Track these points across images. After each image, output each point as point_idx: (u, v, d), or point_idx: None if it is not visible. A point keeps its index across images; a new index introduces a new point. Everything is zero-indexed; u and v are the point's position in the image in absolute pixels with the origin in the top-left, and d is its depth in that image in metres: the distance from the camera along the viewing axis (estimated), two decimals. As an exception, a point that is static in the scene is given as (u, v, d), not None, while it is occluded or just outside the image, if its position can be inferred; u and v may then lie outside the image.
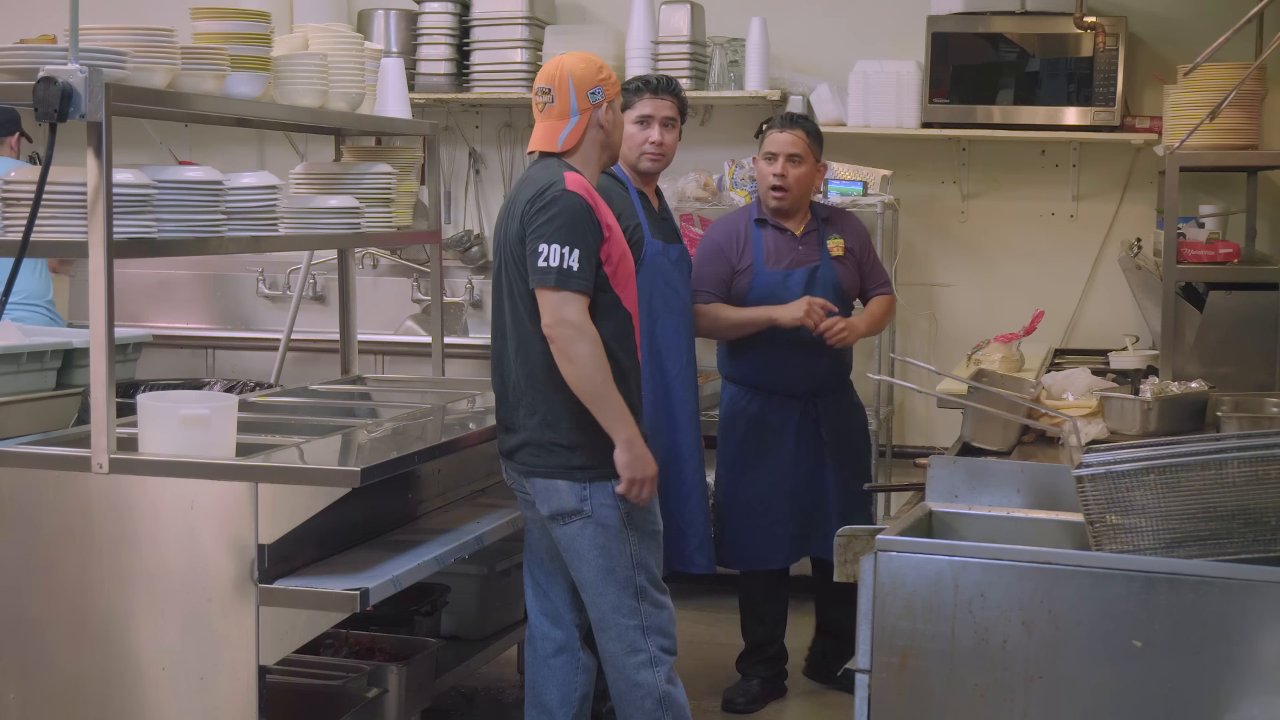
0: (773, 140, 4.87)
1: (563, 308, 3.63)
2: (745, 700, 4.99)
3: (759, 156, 4.94)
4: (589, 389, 3.65)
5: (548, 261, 3.63)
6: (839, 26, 6.54)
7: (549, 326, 3.64)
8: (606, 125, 3.83)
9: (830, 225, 4.96)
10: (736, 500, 4.95)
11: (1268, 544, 2.80)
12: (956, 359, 5.96)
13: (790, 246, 4.88)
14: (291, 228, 4.42)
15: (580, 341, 3.63)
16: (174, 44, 3.77)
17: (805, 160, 4.85)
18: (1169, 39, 6.16)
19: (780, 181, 4.82)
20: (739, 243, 4.87)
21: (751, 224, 4.91)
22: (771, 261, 4.85)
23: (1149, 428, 3.93)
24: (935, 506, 3.31)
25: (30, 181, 3.51)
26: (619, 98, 3.90)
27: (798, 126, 4.87)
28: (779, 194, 4.84)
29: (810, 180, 4.91)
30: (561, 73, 3.80)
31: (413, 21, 6.68)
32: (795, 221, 4.92)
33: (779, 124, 4.90)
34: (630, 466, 3.69)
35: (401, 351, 6.41)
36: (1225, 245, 4.59)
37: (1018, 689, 2.85)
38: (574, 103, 3.79)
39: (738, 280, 4.84)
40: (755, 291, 4.83)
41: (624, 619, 3.78)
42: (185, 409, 3.57)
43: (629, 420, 3.70)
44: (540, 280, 3.65)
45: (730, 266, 4.84)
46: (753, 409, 4.90)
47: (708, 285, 4.82)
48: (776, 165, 4.83)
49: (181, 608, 3.48)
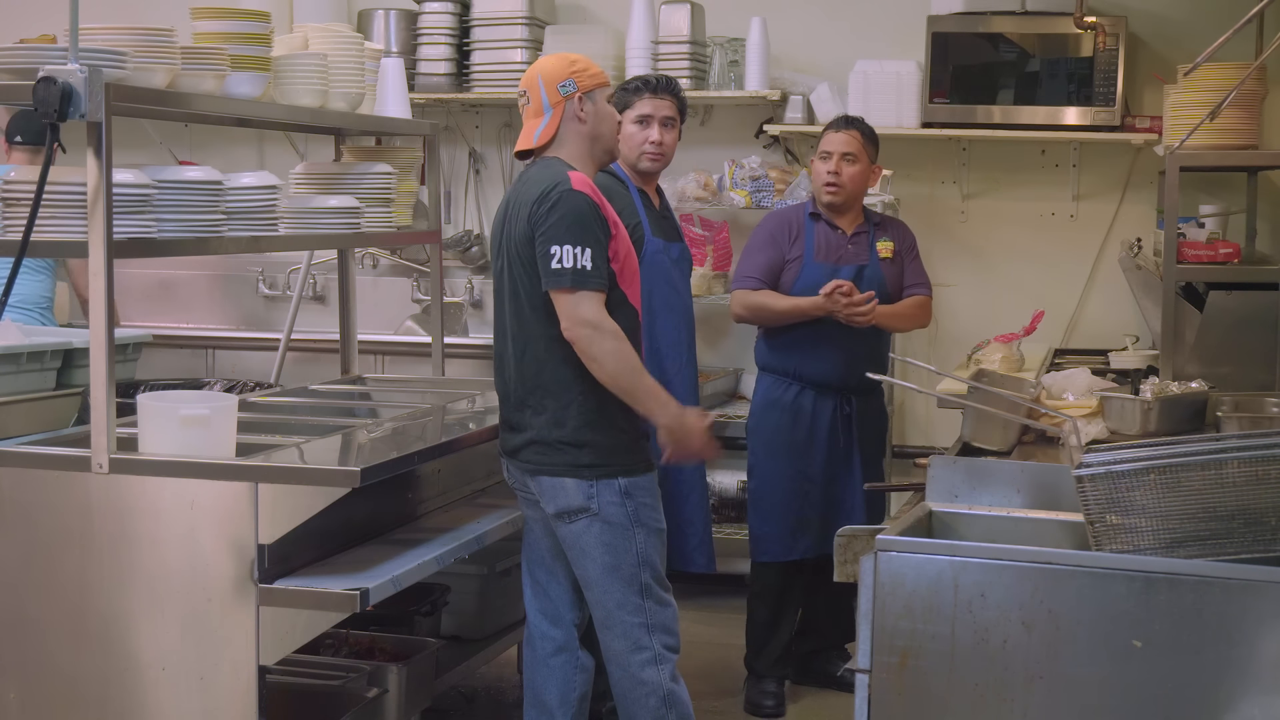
0: (828, 140, 4.94)
1: (578, 308, 3.63)
2: (774, 703, 4.96)
3: (814, 157, 5.01)
4: (621, 382, 3.67)
5: (561, 263, 3.63)
6: (839, 26, 6.54)
7: (568, 330, 3.65)
8: (584, 116, 3.83)
9: (881, 229, 5.02)
10: (768, 490, 4.97)
11: (1268, 544, 2.79)
12: (956, 359, 5.96)
13: (840, 243, 4.92)
14: (291, 228, 4.42)
15: (601, 339, 3.64)
16: (174, 44, 3.77)
17: (860, 159, 4.92)
18: (1169, 39, 6.16)
19: (834, 179, 4.88)
20: (791, 233, 4.93)
21: (806, 217, 4.96)
22: (821, 255, 4.90)
23: (1149, 428, 3.93)
24: (935, 506, 3.31)
25: (30, 181, 3.51)
26: (602, 90, 3.88)
27: (853, 127, 4.96)
28: (832, 189, 4.89)
29: (864, 179, 4.97)
30: (534, 73, 3.86)
31: (413, 21, 6.68)
32: (848, 221, 4.96)
33: (835, 125, 4.98)
34: (677, 447, 3.76)
35: (401, 351, 6.41)
36: (1225, 245, 4.59)
37: (1018, 689, 2.85)
38: (545, 98, 3.82)
39: (786, 270, 4.89)
40: (802, 282, 4.86)
41: (629, 616, 3.78)
42: (185, 409, 3.57)
43: (665, 400, 3.73)
44: (556, 282, 3.65)
45: (782, 255, 4.90)
46: (788, 398, 4.93)
47: (758, 272, 4.88)
48: (831, 163, 4.90)
49: (181, 608, 3.48)
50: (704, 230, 6.38)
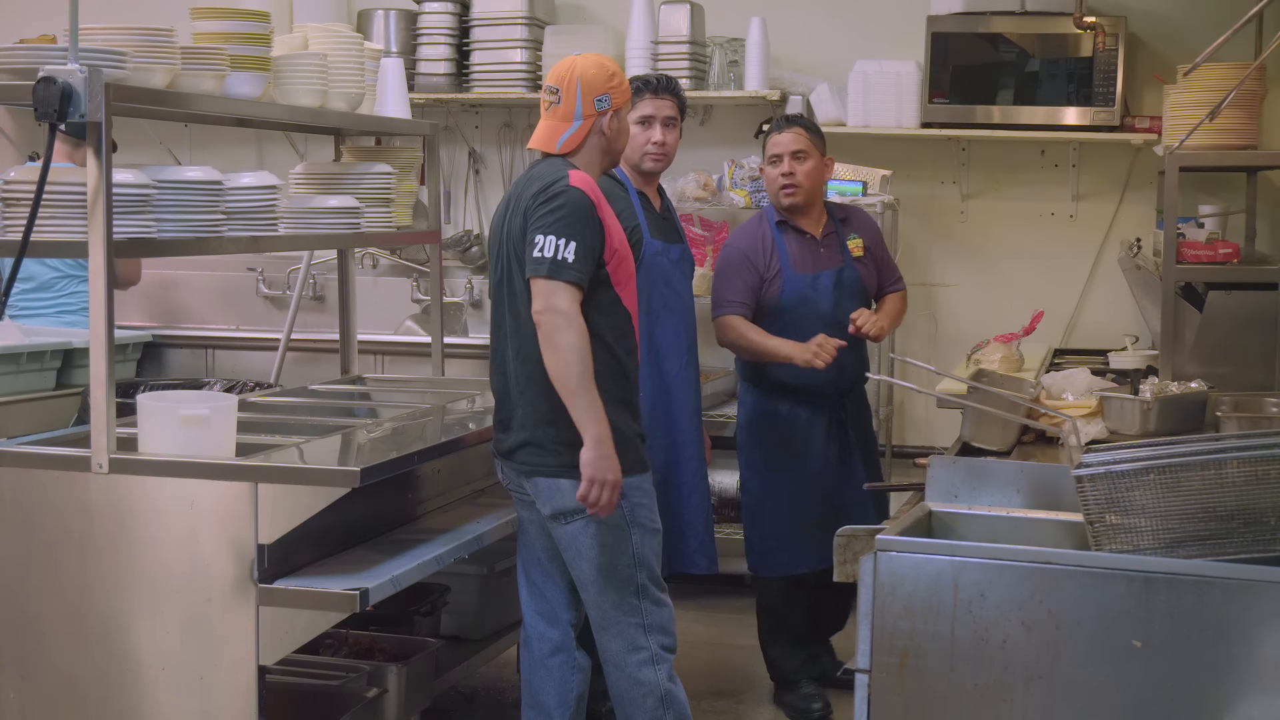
0: (774, 142, 4.86)
1: (552, 295, 3.61)
2: (822, 706, 4.90)
3: (764, 164, 4.92)
4: (568, 380, 3.60)
5: (542, 252, 3.62)
6: (839, 26, 6.54)
7: (538, 313, 3.62)
8: (609, 133, 3.82)
9: (847, 225, 4.96)
10: (767, 505, 4.92)
11: (1267, 544, 2.80)
12: (956, 359, 5.96)
13: (813, 250, 4.85)
14: (291, 228, 4.42)
15: (567, 330, 3.60)
16: (174, 44, 3.77)
17: (810, 155, 4.83)
18: (1169, 39, 6.16)
19: (789, 180, 4.80)
20: (765, 249, 4.82)
21: (772, 228, 4.86)
22: (798, 266, 4.82)
23: (1149, 428, 3.93)
24: (935, 506, 3.31)
25: (30, 181, 3.51)
26: (628, 105, 3.88)
27: (795, 125, 4.87)
28: (790, 190, 4.80)
29: (820, 174, 4.89)
30: (572, 75, 3.78)
31: (412, 21, 6.68)
32: (813, 223, 4.89)
33: (776, 126, 4.90)
34: (592, 465, 3.60)
35: (401, 351, 6.41)
36: (1225, 245, 4.59)
37: (1017, 689, 2.85)
38: (579, 107, 3.78)
39: (767, 288, 4.79)
40: (786, 296, 4.78)
41: (625, 617, 3.78)
42: (185, 409, 3.57)
43: (603, 419, 3.63)
44: (534, 270, 3.63)
45: (759, 275, 4.79)
46: (782, 411, 4.87)
47: (737, 296, 4.77)
48: (783, 165, 4.82)
49: (181, 608, 3.48)
50: (704, 230, 6.38)
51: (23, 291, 5.48)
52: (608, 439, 3.62)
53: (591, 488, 3.61)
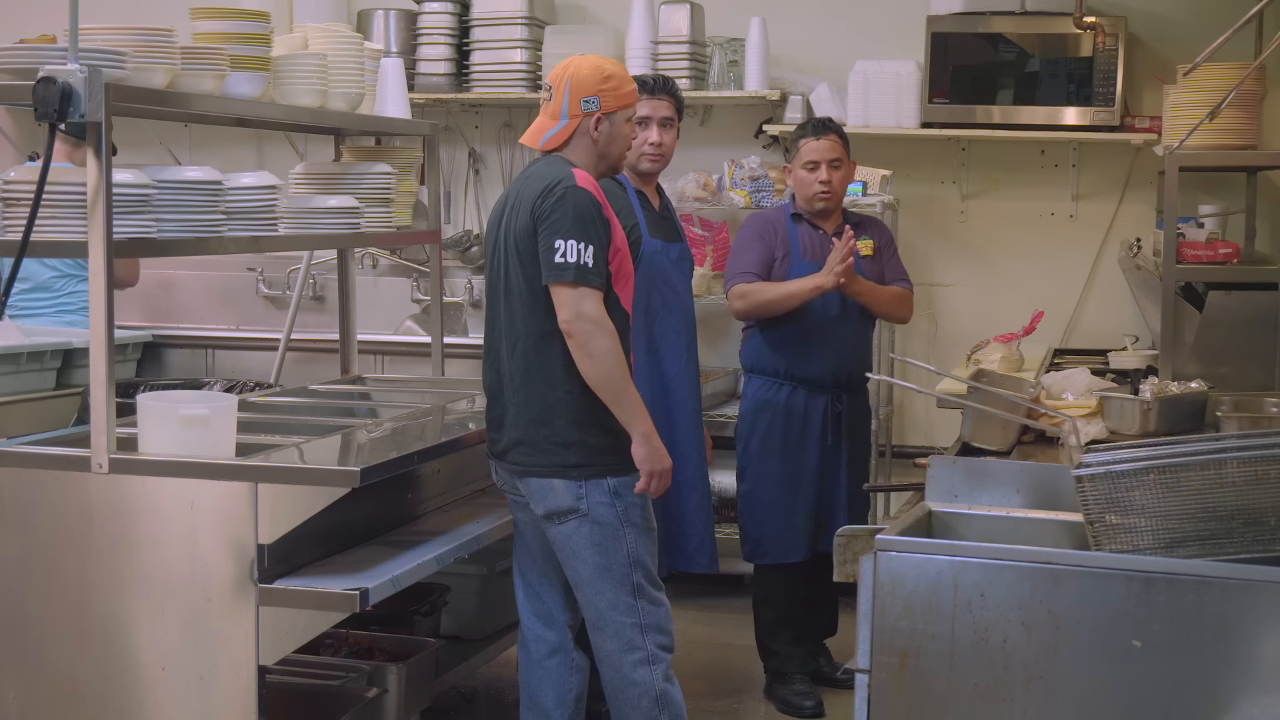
0: (812, 148, 4.91)
1: (581, 303, 3.62)
2: (814, 703, 4.93)
3: (796, 166, 4.95)
4: (610, 385, 3.65)
5: (565, 257, 3.62)
6: (839, 26, 6.54)
7: (567, 322, 3.63)
8: (597, 136, 3.80)
9: (860, 229, 5.02)
10: (762, 492, 4.97)
11: (1267, 544, 2.80)
12: (956, 359, 5.96)
13: (823, 244, 4.92)
14: (291, 228, 4.42)
15: (600, 336, 3.62)
16: (174, 44, 3.77)
17: (844, 162, 4.95)
18: (1169, 39, 6.16)
19: (826, 187, 4.89)
20: (777, 233, 4.93)
21: (787, 219, 4.97)
22: (807, 255, 4.91)
23: (1149, 428, 3.93)
24: (935, 506, 3.31)
25: (30, 181, 3.51)
26: (626, 111, 3.86)
27: (831, 131, 4.94)
28: (826, 196, 4.90)
29: (848, 180, 5.04)
30: (565, 73, 3.80)
31: (412, 21, 6.68)
32: (830, 222, 4.98)
33: (813, 132, 4.94)
34: (649, 460, 3.70)
35: (401, 351, 6.41)
36: (1225, 245, 4.59)
37: (1017, 689, 2.85)
38: (565, 106, 3.79)
39: (775, 270, 4.89)
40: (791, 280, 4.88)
41: (621, 616, 3.78)
42: (185, 409, 3.57)
43: (646, 415, 3.71)
44: (558, 276, 3.63)
45: (772, 252, 4.90)
46: (780, 399, 4.93)
47: (751, 266, 4.87)
48: (821, 172, 4.89)
49: (181, 608, 3.48)
50: (704, 230, 6.38)
51: (22, 291, 5.48)
52: (653, 431, 3.73)
53: (650, 480, 3.73)
